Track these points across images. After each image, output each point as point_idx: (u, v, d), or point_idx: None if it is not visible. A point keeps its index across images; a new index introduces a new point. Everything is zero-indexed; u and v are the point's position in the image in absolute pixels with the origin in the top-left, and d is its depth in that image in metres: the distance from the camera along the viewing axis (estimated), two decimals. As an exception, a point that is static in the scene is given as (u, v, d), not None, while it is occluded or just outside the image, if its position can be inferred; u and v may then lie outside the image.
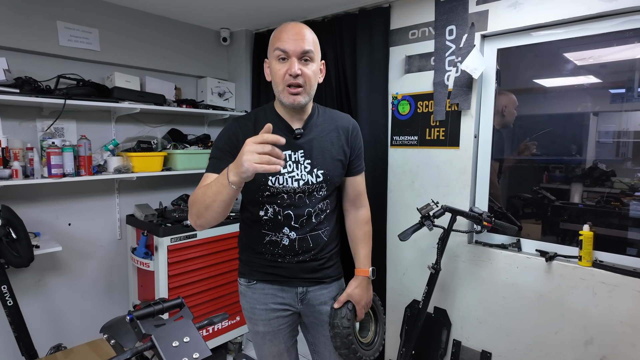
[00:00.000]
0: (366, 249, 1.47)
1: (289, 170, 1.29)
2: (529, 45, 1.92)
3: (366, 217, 1.49)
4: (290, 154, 1.29)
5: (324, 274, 1.41)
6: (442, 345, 2.16)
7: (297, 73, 1.19)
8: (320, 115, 1.37)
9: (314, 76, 1.24)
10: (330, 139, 1.34)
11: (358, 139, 1.41)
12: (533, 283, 1.87)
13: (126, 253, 2.72)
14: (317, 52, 1.25)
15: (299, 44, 1.18)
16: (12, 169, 2.01)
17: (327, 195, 1.35)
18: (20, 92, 2.03)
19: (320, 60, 1.30)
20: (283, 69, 1.20)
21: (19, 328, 1.98)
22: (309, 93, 1.25)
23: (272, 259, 1.37)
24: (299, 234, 1.33)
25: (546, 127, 2.10)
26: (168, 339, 0.82)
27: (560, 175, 2.13)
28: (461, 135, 2.05)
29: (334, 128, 1.36)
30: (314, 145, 1.31)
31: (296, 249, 1.34)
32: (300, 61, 1.20)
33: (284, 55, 1.20)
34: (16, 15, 2.13)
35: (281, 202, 1.31)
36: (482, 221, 1.84)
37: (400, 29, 2.24)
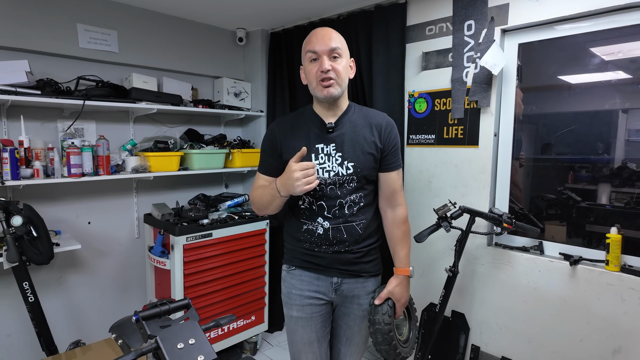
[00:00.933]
0: (405, 248, 1.49)
1: (320, 162, 1.39)
2: (553, 39, 1.84)
3: (404, 216, 1.50)
4: (322, 147, 1.39)
5: (360, 268, 1.45)
6: (460, 350, 2.10)
7: (327, 68, 1.31)
8: (356, 112, 1.45)
9: (344, 70, 1.35)
10: (363, 134, 1.40)
11: (392, 135, 1.44)
12: (556, 288, 1.79)
13: (144, 252, 2.76)
14: (345, 50, 1.38)
15: (326, 43, 1.32)
16: (34, 168, 2.07)
17: (358, 187, 1.40)
18: (42, 93, 2.08)
19: (349, 57, 1.41)
20: (315, 67, 1.34)
21: (40, 324, 2.02)
22: (341, 85, 1.36)
23: (310, 247, 1.45)
24: (332, 224, 1.40)
25: (571, 125, 2.01)
26: (173, 340, 0.80)
27: (587, 175, 2.03)
28: (480, 133, 1.99)
29: (368, 124, 1.42)
30: (346, 139, 1.39)
31: (330, 239, 1.40)
32: (329, 58, 1.33)
33: (314, 56, 1.34)
34: (38, 18, 2.19)
35: (314, 193, 1.39)
36: (502, 223, 1.77)
37: (417, 25, 2.19)
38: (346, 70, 1.38)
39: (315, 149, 1.40)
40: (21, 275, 1.96)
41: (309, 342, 1.48)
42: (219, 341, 2.59)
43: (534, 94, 2.07)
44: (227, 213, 2.70)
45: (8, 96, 1.95)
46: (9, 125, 2.19)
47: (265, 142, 1.47)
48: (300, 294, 1.48)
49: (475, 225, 1.87)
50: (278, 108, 3.00)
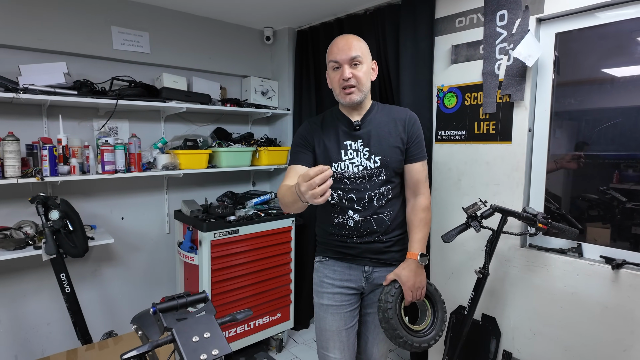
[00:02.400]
0: (419, 234, 1.50)
1: (349, 158, 1.48)
2: (594, 27, 1.72)
3: (424, 204, 1.53)
4: (350, 144, 1.49)
5: (390, 257, 1.53)
6: (491, 355, 2.01)
7: (348, 77, 1.41)
8: (380, 110, 1.54)
9: (364, 76, 1.44)
10: (387, 129, 1.49)
11: (415, 127, 1.52)
12: (597, 293, 1.67)
13: (174, 247, 2.83)
14: (365, 55, 1.45)
15: (346, 53, 1.40)
16: (71, 165, 2.16)
17: (386, 180, 1.48)
18: (79, 93, 2.18)
19: (371, 60, 1.50)
20: (337, 76, 1.44)
21: (76, 314, 2.12)
22: (362, 91, 1.45)
23: (342, 239, 1.54)
24: (362, 216, 1.48)
25: (613, 120, 1.87)
26: (189, 333, 0.81)
27: (635, 174, 1.88)
28: (514, 128, 1.89)
29: (392, 120, 1.51)
30: (372, 135, 1.48)
31: (361, 230, 1.49)
32: (350, 66, 1.41)
33: (336, 65, 1.43)
34: (75, 22, 2.29)
35: (344, 187, 1.48)
36: (536, 223, 1.67)
37: (446, 17, 2.12)
38: (367, 75, 1.46)
39: (344, 145, 1.49)
40: (58, 267, 2.06)
41: (337, 330, 1.55)
42: (246, 337, 2.61)
43: (572, 87, 1.94)
44: (254, 210, 2.72)
45: (48, 96, 2.05)
46: (49, 124, 2.30)
47: (298, 137, 1.56)
48: (332, 283, 1.57)
49: (508, 225, 1.78)
50: (304, 106, 2.99)
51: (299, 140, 1.56)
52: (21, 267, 2.27)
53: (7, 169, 1.95)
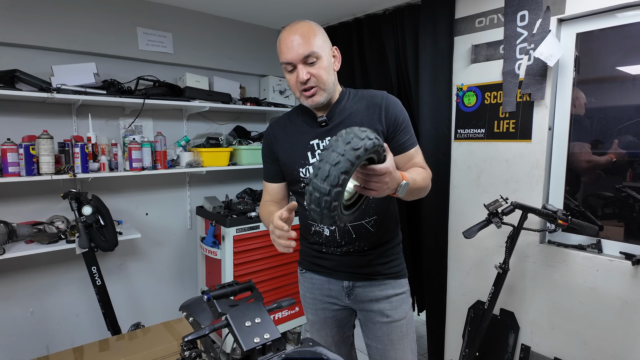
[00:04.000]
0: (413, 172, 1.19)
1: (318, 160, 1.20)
2: (614, 27, 1.75)
3: (424, 168, 1.28)
4: (317, 143, 1.29)
5: (374, 270, 1.33)
6: (509, 349, 2.05)
7: (304, 79, 1.19)
8: (351, 98, 1.31)
9: (324, 72, 1.22)
10: (360, 119, 1.26)
11: (396, 111, 1.26)
12: (616, 288, 1.71)
13: (196, 242, 2.91)
14: (322, 47, 1.21)
15: (297, 51, 1.17)
16: (100, 162, 2.24)
17: None
18: (107, 93, 2.25)
19: (330, 47, 1.26)
20: (293, 78, 1.23)
21: (106, 305, 2.20)
22: (326, 89, 1.23)
23: (318, 248, 1.37)
24: None
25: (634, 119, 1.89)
26: (241, 318, 0.87)
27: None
28: (534, 127, 1.92)
29: (364, 107, 1.28)
30: (342, 129, 1.11)
31: (338, 240, 1.31)
32: (306, 65, 1.19)
33: (290, 67, 1.21)
34: (103, 24, 2.36)
35: None
36: (556, 219, 1.71)
37: (466, 18, 2.15)
38: (328, 69, 1.23)
39: (310, 146, 1.29)
40: (90, 260, 2.14)
41: (326, 345, 1.42)
42: (265, 330, 2.68)
43: (592, 86, 1.97)
44: (273, 207, 2.78)
45: (80, 96, 2.12)
46: (78, 123, 2.39)
47: (263, 147, 1.41)
48: (313, 298, 1.43)
49: (528, 222, 1.82)
50: (322, 104, 3.04)
51: (264, 152, 1.40)
52: (52, 261, 2.36)
53: (42, 165, 2.03)
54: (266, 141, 1.40)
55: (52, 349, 2.39)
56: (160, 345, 2.03)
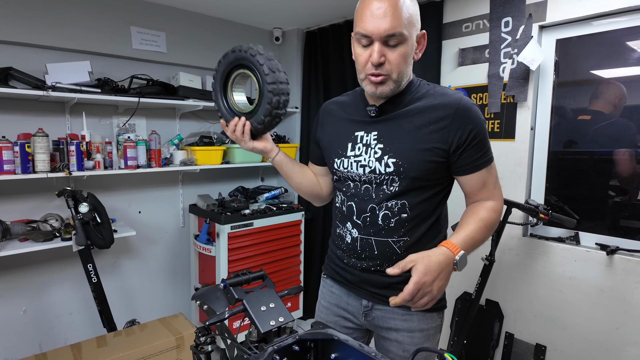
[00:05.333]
0: (469, 227, 1.01)
1: (356, 154, 1.10)
2: (590, 34, 1.88)
3: (492, 205, 1.08)
4: (362, 135, 1.11)
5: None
6: (495, 337, 2.17)
7: (378, 62, 0.97)
8: (418, 92, 1.08)
9: (403, 61, 0.99)
10: (420, 121, 1.03)
11: (469, 122, 1.01)
12: (593, 277, 1.84)
13: (189, 240, 2.93)
14: (411, 26, 0.98)
15: (380, 25, 0.94)
16: (95, 160, 2.25)
17: (399, 193, 1.05)
18: (102, 91, 2.26)
19: (419, 30, 1.03)
20: (364, 54, 0.99)
21: (102, 303, 2.21)
22: (397, 80, 1.00)
23: (341, 256, 1.19)
24: (362, 234, 1.10)
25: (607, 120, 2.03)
26: (257, 304, 0.93)
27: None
28: (517, 127, 2.04)
29: (432, 107, 1.03)
30: (392, 126, 1.06)
31: (358, 252, 1.12)
32: (385, 45, 0.97)
33: (365, 40, 0.98)
34: (97, 23, 2.37)
35: (346, 191, 1.14)
36: (538, 213, 1.83)
37: (454, 23, 2.26)
38: (408, 58, 1.00)
39: (354, 137, 1.12)
40: (86, 257, 2.15)
41: None
42: (259, 325, 2.73)
43: (571, 88, 2.10)
44: (266, 204, 2.84)
45: (75, 94, 2.13)
46: (72, 121, 2.38)
47: (313, 126, 1.31)
48: (328, 308, 1.24)
49: (511, 216, 1.93)
50: (312, 105, 3.11)
51: (312, 129, 1.31)
52: (45, 259, 2.36)
53: (37, 163, 2.03)
54: (316, 119, 1.29)
55: (45, 347, 2.38)
56: (157, 340, 2.06)
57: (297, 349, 0.88)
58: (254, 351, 0.86)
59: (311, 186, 1.32)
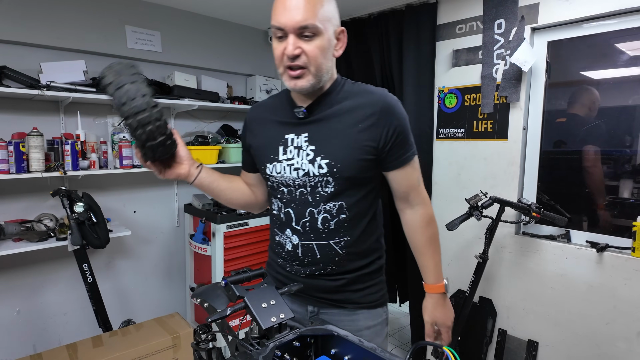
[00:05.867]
0: (434, 258, 1.15)
1: (288, 158, 1.07)
2: (581, 37, 1.92)
3: (426, 216, 1.14)
4: (292, 138, 1.07)
5: (345, 297, 1.12)
6: (488, 333, 2.20)
7: (293, 54, 0.95)
8: (344, 90, 1.08)
9: (320, 53, 0.97)
10: (349, 120, 1.04)
11: (395, 118, 1.04)
12: (583, 274, 1.88)
13: (184, 239, 2.93)
14: (326, 20, 0.97)
15: (293, 17, 0.93)
16: (90, 160, 2.24)
17: (336, 193, 1.05)
18: (97, 91, 2.25)
19: (337, 25, 1.02)
20: (279, 48, 0.98)
21: (97, 303, 2.21)
22: (316, 74, 0.99)
23: (283, 264, 1.16)
24: (302, 240, 1.08)
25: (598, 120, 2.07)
26: (258, 301, 0.94)
27: (609, 171, 2.07)
28: (510, 127, 2.08)
29: (359, 105, 1.05)
30: (323, 127, 1.05)
31: (300, 258, 1.10)
32: (299, 38, 0.96)
33: (279, 33, 0.97)
34: (92, 22, 2.36)
35: (281, 197, 1.11)
36: (530, 212, 1.87)
37: (448, 24, 2.29)
38: (326, 52, 0.98)
39: (284, 140, 1.09)
40: (81, 257, 2.14)
41: None
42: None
43: (562, 89, 2.14)
44: (262, 204, 2.85)
45: (70, 94, 2.12)
46: (66, 121, 2.37)
47: (242, 133, 1.25)
48: None
49: (504, 214, 1.97)
50: (308, 104, 3.13)
51: (241, 136, 1.24)
52: (39, 260, 2.34)
53: (32, 163, 2.02)
54: (244, 126, 1.23)
55: (39, 348, 2.36)
56: (154, 340, 2.06)
57: (298, 344, 0.90)
58: (255, 347, 0.88)
59: (243, 198, 1.27)
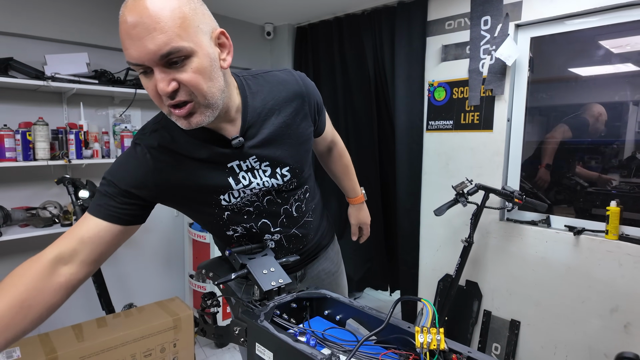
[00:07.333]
0: (351, 179, 1.38)
1: (244, 184, 0.96)
2: (563, 33, 2.03)
3: (339, 151, 1.32)
4: (239, 164, 0.94)
5: (319, 247, 1.25)
6: (474, 315, 2.32)
7: (168, 92, 0.74)
8: (256, 93, 0.95)
9: (202, 77, 0.76)
10: (285, 121, 0.97)
11: (315, 95, 1.04)
12: (562, 256, 2.00)
13: (182, 228, 3.02)
14: (192, 36, 0.74)
15: (145, 47, 0.70)
16: (93, 149, 2.33)
17: (300, 183, 1.08)
18: (100, 82, 2.34)
19: (211, 33, 0.80)
20: (150, 85, 0.76)
21: (101, 286, 2.30)
22: (209, 103, 0.79)
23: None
24: (285, 233, 1.11)
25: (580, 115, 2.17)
26: (259, 268, 1.04)
27: (596, 165, 2.14)
28: (495, 119, 2.19)
29: (284, 100, 0.97)
30: (267, 141, 0.95)
31: (286, 247, 1.15)
32: (167, 68, 0.73)
33: (140, 69, 0.75)
34: (94, 15, 2.44)
35: (248, 217, 1.03)
36: (513, 198, 1.98)
37: (437, 20, 2.39)
38: (209, 73, 0.77)
39: (229, 169, 0.94)
40: (85, 242, 2.23)
41: None
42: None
43: (544, 85, 2.26)
44: (258, 194, 2.95)
45: (74, 85, 2.20)
46: (69, 112, 2.45)
47: (125, 173, 0.88)
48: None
49: (489, 202, 2.08)
50: (303, 97, 3.22)
51: (117, 182, 0.87)
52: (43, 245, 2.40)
53: (38, 151, 2.10)
54: (133, 169, 0.89)
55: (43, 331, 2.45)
56: (155, 321, 2.15)
57: (295, 306, 1.00)
58: (257, 307, 0.98)
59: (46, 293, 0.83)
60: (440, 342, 0.68)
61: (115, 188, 0.88)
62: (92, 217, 0.88)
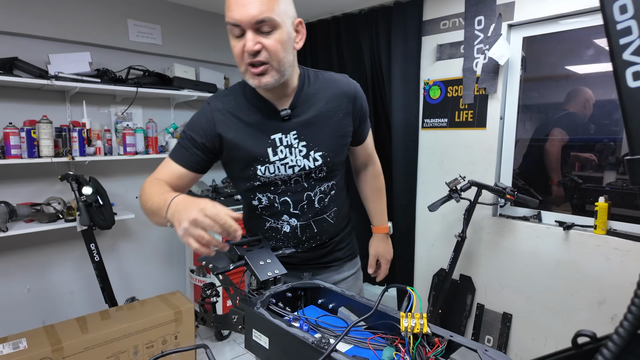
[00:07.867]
0: (380, 205, 1.36)
1: (280, 157, 1.10)
2: (555, 33, 2.08)
3: (375, 171, 1.35)
4: (281, 138, 1.09)
5: (333, 257, 1.26)
6: (467, 308, 2.39)
7: (253, 50, 0.93)
8: (312, 83, 1.11)
9: (281, 47, 0.95)
10: (330, 110, 1.11)
11: (363, 102, 1.18)
12: (552, 250, 2.06)
13: (183, 224, 3.08)
14: (283, 14, 0.95)
15: (248, 12, 0.90)
16: (96, 147, 2.38)
17: (329, 176, 1.16)
18: (102, 81, 2.39)
19: (294, 19, 1.01)
20: (239, 46, 0.95)
21: (104, 280, 2.36)
22: (279, 69, 0.98)
23: (276, 245, 1.21)
24: (301, 221, 1.16)
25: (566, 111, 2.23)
26: (256, 259, 1.10)
27: (593, 164, 2.17)
28: (488, 116, 2.24)
29: (333, 96, 1.12)
30: (309, 122, 1.10)
31: (299, 236, 1.18)
32: (257, 33, 0.93)
33: (237, 30, 0.94)
34: (96, 15, 2.49)
35: (275, 189, 1.14)
36: (505, 194, 2.04)
37: (432, 20, 2.44)
38: (286, 45, 0.97)
39: (271, 141, 1.08)
40: (89, 237, 2.29)
41: None
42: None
43: (537, 83, 2.31)
44: (258, 190, 3.00)
45: (77, 84, 2.25)
46: (72, 110, 2.50)
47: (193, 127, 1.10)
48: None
49: (482, 198, 2.13)
50: (302, 95, 3.27)
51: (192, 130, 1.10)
52: (48, 241, 2.48)
53: (42, 149, 2.16)
54: (202, 123, 1.09)
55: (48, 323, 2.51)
56: (157, 314, 2.22)
57: (290, 295, 1.06)
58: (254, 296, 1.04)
59: None
60: (424, 327, 0.73)
61: (189, 140, 1.11)
62: (171, 162, 1.16)
